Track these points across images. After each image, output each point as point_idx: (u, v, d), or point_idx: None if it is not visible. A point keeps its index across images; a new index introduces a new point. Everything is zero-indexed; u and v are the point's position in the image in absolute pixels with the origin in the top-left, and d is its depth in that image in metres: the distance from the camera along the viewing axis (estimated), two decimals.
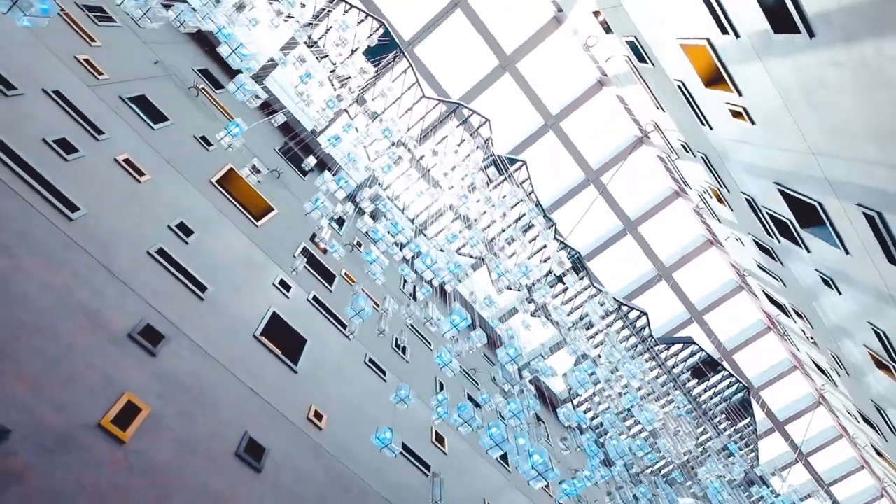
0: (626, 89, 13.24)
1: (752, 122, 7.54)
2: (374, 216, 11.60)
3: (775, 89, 6.35)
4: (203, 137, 11.43)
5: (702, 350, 14.94)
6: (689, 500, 10.86)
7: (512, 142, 16.27)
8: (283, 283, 10.25)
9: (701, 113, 9.10)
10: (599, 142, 16.86)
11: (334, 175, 9.01)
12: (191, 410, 6.53)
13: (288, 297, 10.10)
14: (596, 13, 10.52)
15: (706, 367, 14.76)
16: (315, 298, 10.78)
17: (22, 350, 5.35)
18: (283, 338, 9.17)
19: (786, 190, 8.00)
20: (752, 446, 15.06)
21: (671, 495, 7.61)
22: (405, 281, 10.34)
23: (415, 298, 10.94)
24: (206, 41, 14.25)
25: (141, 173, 8.80)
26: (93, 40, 10.16)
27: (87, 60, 9.58)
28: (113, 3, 11.85)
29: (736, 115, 7.83)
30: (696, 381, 14.52)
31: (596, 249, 18.07)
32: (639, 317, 14.80)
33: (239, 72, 6.98)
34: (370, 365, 10.80)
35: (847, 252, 7.59)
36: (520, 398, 6.49)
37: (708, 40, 6.93)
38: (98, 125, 8.68)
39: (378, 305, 11.33)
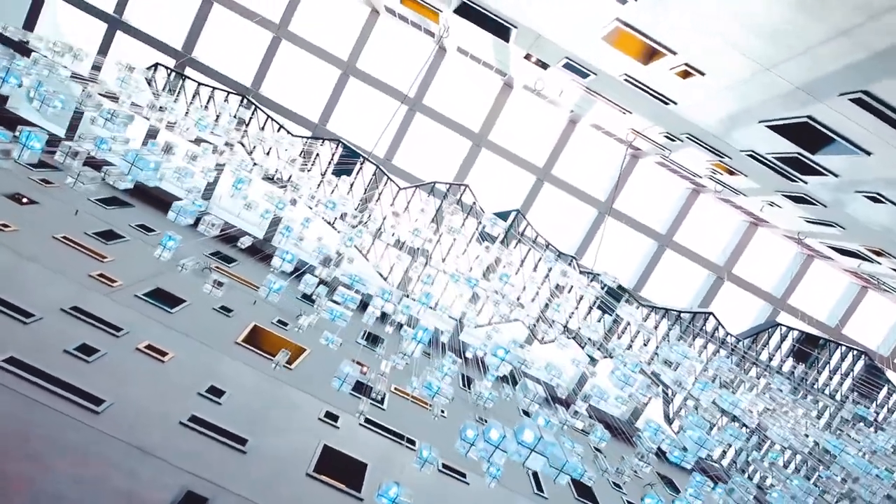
0: (592, 112, 13.36)
1: (702, 74, 7.34)
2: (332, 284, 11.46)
3: (697, 28, 6.23)
4: (223, 307, 11.89)
5: (791, 329, 13.24)
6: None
7: (513, 206, 16.31)
8: (329, 414, 9.92)
9: (658, 94, 8.97)
10: (597, 174, 16.74)
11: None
12: None
13: (338, 427, 9.70)
14: (527, 56, 10.97)
15: (807, 346, 12.96)
16: (368, 420, 10.31)
17: None
18: (340, 468, 8.65)
19: (772, 122, 7.55)
20: None
21: (809, 488, 6.17)
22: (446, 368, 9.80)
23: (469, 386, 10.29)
24: None
25: (163, 354, 9.07)
26: (104, 257, 11.12)
27: (100, 275, 10.41)
28: (121, 224, 13.18)
29: (685, 74, 7.66)
30: (802, 364, 12.68)
31: (642, 276, 17.14)
32: (706, 320, 13.48)
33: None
34: (445, 471, 9.95)
35: (868, 153, 6.89)
36: (549, 416, 5.71)
37: (617, 18, 7.01)
38: (116, 324, 9.16)
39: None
